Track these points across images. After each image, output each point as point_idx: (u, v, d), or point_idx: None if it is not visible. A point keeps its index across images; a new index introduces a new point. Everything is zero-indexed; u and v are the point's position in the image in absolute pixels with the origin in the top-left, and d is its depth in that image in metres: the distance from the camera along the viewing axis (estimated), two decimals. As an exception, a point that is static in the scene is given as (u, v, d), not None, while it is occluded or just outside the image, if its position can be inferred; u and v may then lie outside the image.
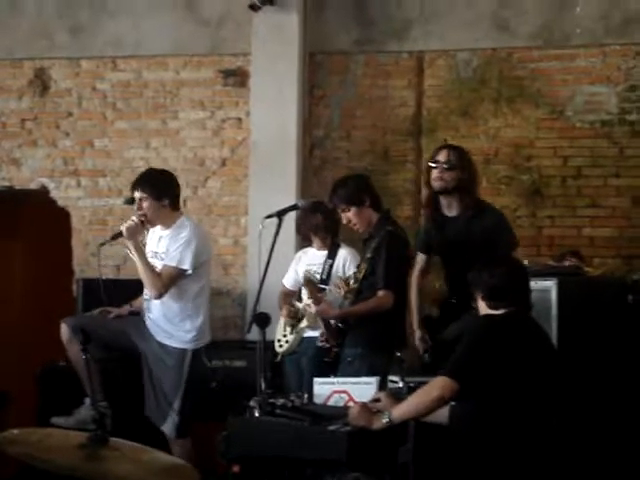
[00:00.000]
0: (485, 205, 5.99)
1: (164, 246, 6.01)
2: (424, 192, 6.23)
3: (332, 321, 5.88)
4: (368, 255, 5.74)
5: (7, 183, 8.34)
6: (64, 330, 6.05)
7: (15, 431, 3.16)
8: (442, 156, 5.87)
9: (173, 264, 5.90)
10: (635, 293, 5.44)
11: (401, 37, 7.68)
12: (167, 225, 6.05)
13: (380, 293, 5.72)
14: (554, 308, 5.28)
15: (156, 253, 6.08)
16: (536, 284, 5.31)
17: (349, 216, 5.92)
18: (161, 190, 6.00)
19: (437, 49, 7.64)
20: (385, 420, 4.19)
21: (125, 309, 6.26)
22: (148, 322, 6.07)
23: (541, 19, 7.43)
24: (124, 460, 3.04)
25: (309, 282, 6.04)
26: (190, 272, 5.91)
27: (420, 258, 6.16)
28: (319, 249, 6.58)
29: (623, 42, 7.30)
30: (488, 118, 7.53)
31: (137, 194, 6.02)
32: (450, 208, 5.90)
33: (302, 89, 7.67)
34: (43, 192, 8.26)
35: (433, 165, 5.87)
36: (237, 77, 7.95)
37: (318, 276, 6.35)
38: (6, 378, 7.36)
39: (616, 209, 7.27)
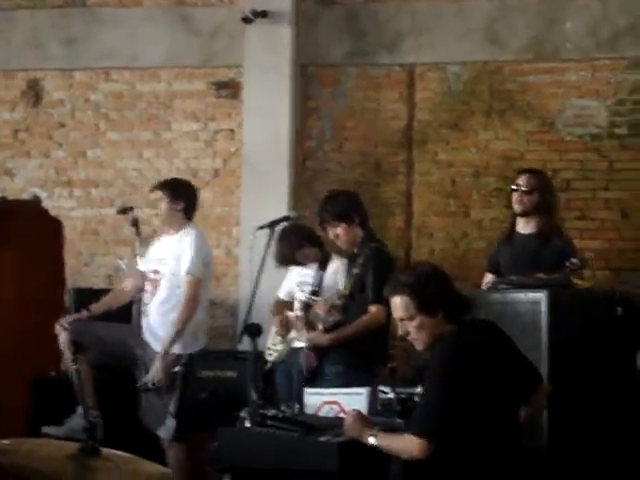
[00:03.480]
0: (559, 230, 6.19)
1: (169, 251, 6.21)
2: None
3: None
4: (355, 271, 5.77)
5: (0, 194, 8.36)
6: (63, 337, 6.10)
7: (6, 441, 3.17)
8: (522, 180, 6.10)
9: (186, 273, 6.08)
10: (624, 305, 5.47)
11: (392, 50, 7.71)
12: (175, 230, 6.22)
13: (372, 308, 5.73)
14: (544, 320, 5.29)
15: (160, 259, 6.24)
16: (526, 296, 5.36)
17: (337, 232, 5.96)
18: (179, 194, 6.25)
19: (428, 62, 7.68)
20: (372, 440, 4.12)
21: (83, 314, 6.31)
22: (145, 326, 6.13)
23: (531, 33, 7.47)
24: (115, 471, 3.05)
25: (307, 308, 6.02)
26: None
27: (488, 278, 6.22)
28: (310, 263, 6.55)
29: (613, 56, 7.35)
30: (478, 131, 7.57)
31: (155, 195, 6.34)
32: (526, 227, 6.09)
33: (294, 101, 7.70)
34: (35, 202, 8.27)
35: (514, 188, 6.08)
36: (230, 89, 7.98)
37: (309, 287, 6.36)
38: (-3, 388, 7.36)
39: (605, 222, 7.30)
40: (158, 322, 6.14)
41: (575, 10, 7.39)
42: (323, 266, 6.45)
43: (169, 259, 6.22)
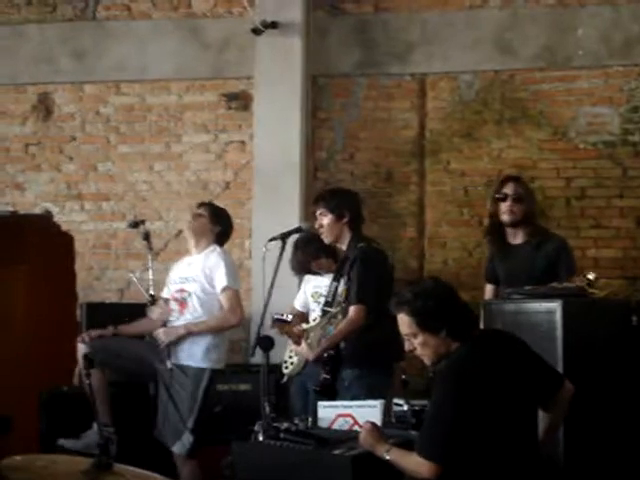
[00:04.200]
0: (550, 232, 6.13)
1: (195, 269, 6.16)
2: (487, 222, 6.22)
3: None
4: (345, 277, 5.78)
5: (11, 208, 8.32)
6: (80, 351, 6.11)
7: (18, 457, 3.14)
8: (510, 189, 5.95)
9: (224, 287, 6.07)
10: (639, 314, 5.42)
11: (403, 60, 7.70)
12: (200, 249, 6.23)
13: (350, 310, 5.73)
14: (559, 330, 5.24)
15: (186, 278, 6.21)
16: (541, 306, 5.30)
17: (322, 222, 5.96)
18: (219, 218, 6.30)
19: (439, 71, 7.66)
20: (385, 455, 4.07)
21: (109, 330, 6.29)
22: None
23: (543, 41, 7.45)
24: (128, 486, 3.02)
25: (280, 326, 5.96)
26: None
27: (488, 289, 6.19)
28: (325, 273, 6.52)
29: (625, 63, 7.32)
30: (491, 140, 7.54)
31: (197, 210, 6.34)
32: (515, 237, 5.99)
33: (305, 112, 7.69)
34: (46, 217, 8.25)
35: (501, 197, 5.94)
36: (240, 100, 7.97)
37: (323, 299, 6.32)
38: (9, 403, 7.32)
39: (620, 230, 7.26)
40: (191, 338, 6.11)
41: (587, 17, 7.36)
42: (337, 278, 6.42)
43: (198, 276, 6.19)
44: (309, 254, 6.47)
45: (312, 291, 6.49)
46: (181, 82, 8.08)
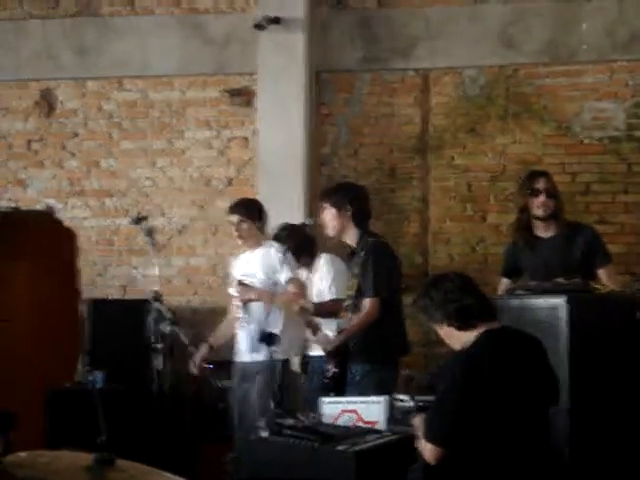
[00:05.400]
0: (580, 223, 6.16)
1: (255, 265, 6.19)
2: (517, 217, 6.17)
3: None
4: (356, 271, 5.80)
5: (13, 204, 8.34)
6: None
7: (22, 454, 3.12)
8: (542, 184, 5.97)
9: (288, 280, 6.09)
10: (644, 310, 5.41)
11: (407, 55, 7.67)
12: (254, 247, 6.27)
13: (365, 303, 5.78)
14: (564, 325, 5.22)
15: (247, 274, 6.22)
16: (545, 301, 5.29)
17: (324, 215, 6.03)
18: (254, 212, 6.32)
19: (443, 66, 7.64)
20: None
21: (204, 351, 6.34)
22: (241, 336, 6.14)
23: (547, 36, 7.42)
24: (131, 482, 3.00)
25: (303, 312, 6.00)
26: None
27: (505, 283, 6.17)
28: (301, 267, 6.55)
29: (630, 58, 7.29)
30: (495, 135, 7.52)
31: (233, 218, 6.32)
32: (547, 230, 5.99)
33: (308, 107, 7.66)
34: (49, 213, 8.25)
35: (534, 192, 5.96)
36: (243, 96, 7.94)
37: None
38: (12, 399, 7.33)
39: (625, 225, 7.24)
40: (264, 322, 6.13)
41: (591, 12, 7.33)
42: (314, 270, 6.46)
43: (258, 272, 6.20)
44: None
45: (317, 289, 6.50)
46: (184, 78, 8.06)
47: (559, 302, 5.25)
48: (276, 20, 7.52)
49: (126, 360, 7.05)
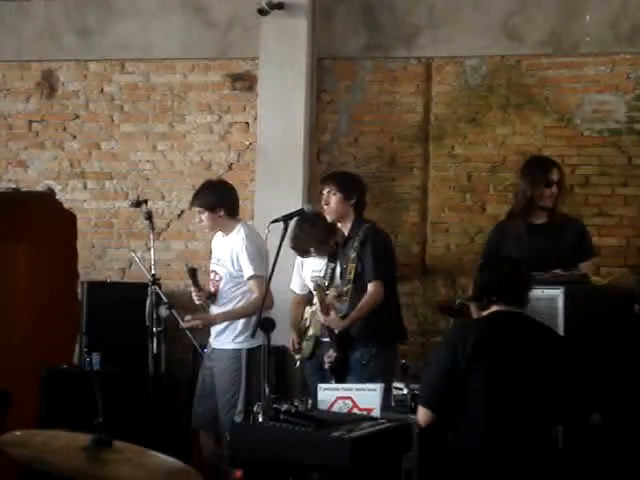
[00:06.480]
0: (568, 215, 6.26)
1: (224, 252, 6.25)
2: (522, 204, 6.16)
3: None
4: (353, 255, 5.88)
5: (13, 185, 8.33)
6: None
7: (18, 433, 3.13)
8: (556, 175, 6.07)
9: (252, 274, 6.08)
10: (642, 302, 5.43)
11: (409, 43, 7.65)
12: (226, 232, 6.31)
13: (370, 286, 5.93)
14: (561, 316, 5.25)
15: (219, 260, 6.30)
16: (543, 293, 5.30)
17: (330, 199, 6.21)
18: (215, 203, 6.29)
19: (445, 55, 7.61)
20: None
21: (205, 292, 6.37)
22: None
23: (550, 27, 7.40)
24: (128, 463, 3.01)
25: (319, 289, 6.02)
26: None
27: None
28: (321, 257, 6.51)
29: (632, 51, 7.26)
30: (496, 125, 7.50)
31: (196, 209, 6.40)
32: (541, 217, 6.07)
33: (310, 94, 7.65)
34: (49, 194, 8.25)
35: (549, 183, 6.01)
36: (245, 81, 7.93)
37: (323, 281, 6.32)
38: (9, 379, 7.35)
39: (624, 218, 7.23)
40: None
41: (594, 4, 7.31)
42: (333, 259, 6.44)
43: (225, 260, 6.23)
44: (319, 238, 6.44)
45: (311, 275, 6.48)
46: (186, 62, 8.04)
47: (557, 293, 5.28)
48: (279, 5, 7.50)
49: (123, 343, 7.06)
